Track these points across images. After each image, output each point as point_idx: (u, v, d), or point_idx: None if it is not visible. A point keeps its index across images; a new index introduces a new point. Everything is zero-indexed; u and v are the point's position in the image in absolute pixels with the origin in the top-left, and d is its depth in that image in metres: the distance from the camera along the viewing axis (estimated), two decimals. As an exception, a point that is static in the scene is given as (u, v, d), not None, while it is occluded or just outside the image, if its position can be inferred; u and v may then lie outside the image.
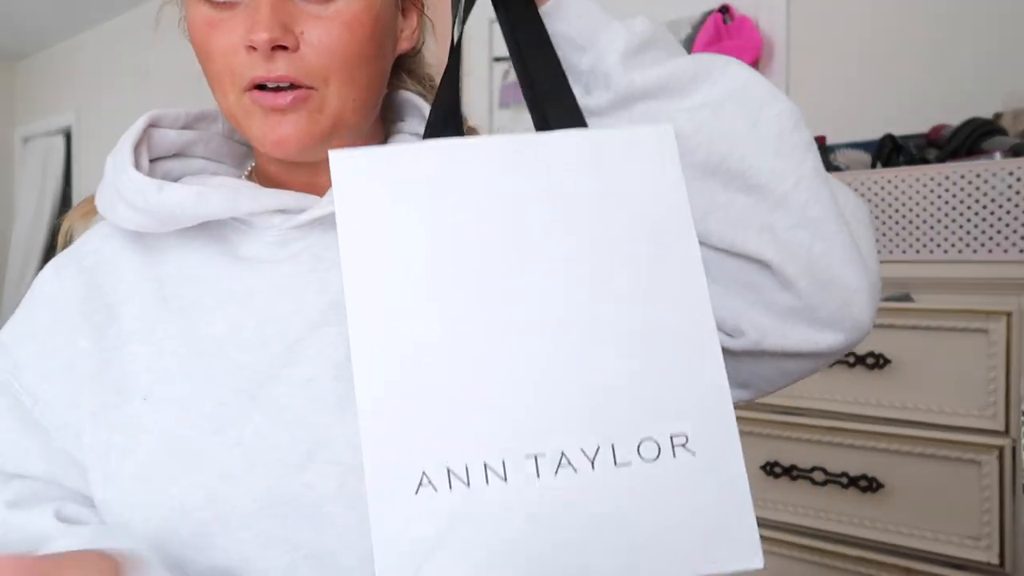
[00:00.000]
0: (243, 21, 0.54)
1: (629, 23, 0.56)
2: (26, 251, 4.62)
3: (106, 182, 0.60)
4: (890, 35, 1.63)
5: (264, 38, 0.52)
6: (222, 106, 0.58)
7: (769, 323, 0.53)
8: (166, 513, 0.51)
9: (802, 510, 1.29)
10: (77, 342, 0.58)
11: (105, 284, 0.59)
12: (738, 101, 0.57)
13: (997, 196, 1.14)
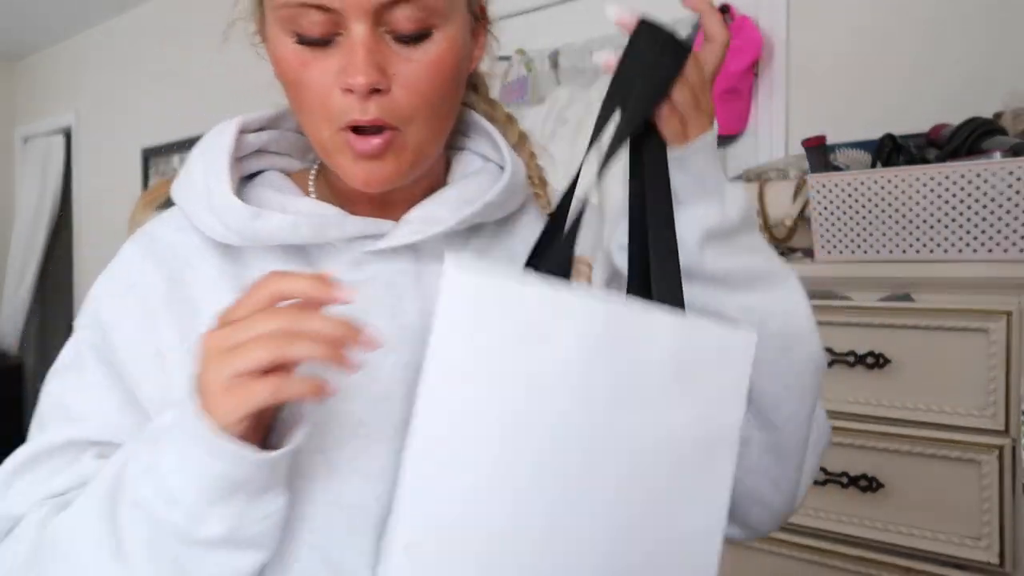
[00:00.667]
0: (337, 60, 0.55)
1: (730, 201, 0.61)
2: (26, 251, 4.62)
3: (194, 188, 0.62)
4: (890, 35, 1.63)
5: (362, 83, 0.53)
6: (312, 137, 0.60)
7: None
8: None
9: (802, 510, 1.29)
10: (163, 333, 0.59)
11: (186, 277, 0.61)
12: (784, 320, 0.62)
13: (997, 196, 1.14)
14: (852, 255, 1.29)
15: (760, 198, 1.52)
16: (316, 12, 0.54)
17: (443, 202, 0.62)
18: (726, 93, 1.77)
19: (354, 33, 0.54)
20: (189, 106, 3.56)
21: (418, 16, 0.55)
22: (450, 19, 0.57)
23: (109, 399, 0.59)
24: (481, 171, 0.67)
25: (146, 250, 0.63)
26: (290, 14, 0.55)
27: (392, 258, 0.61)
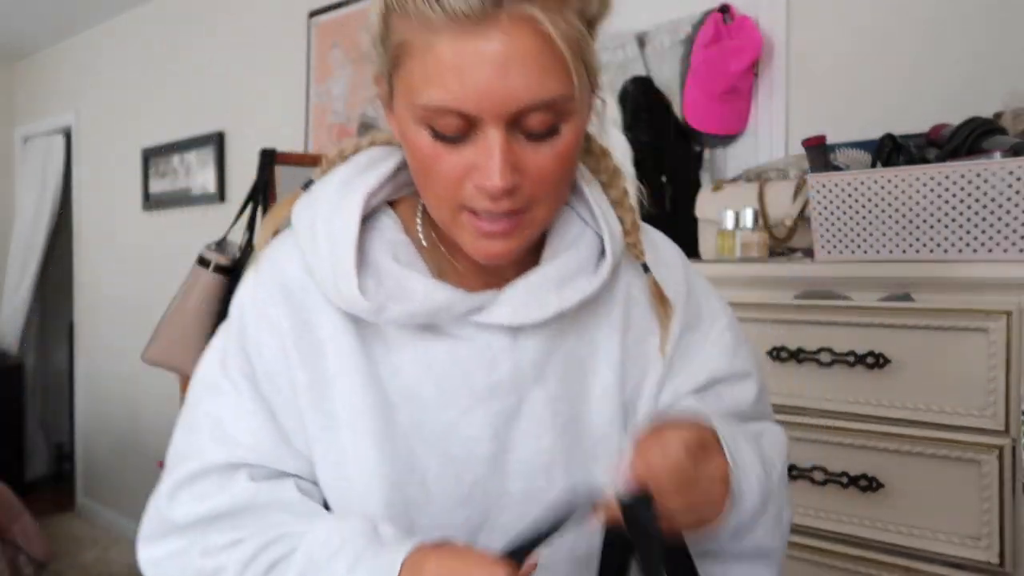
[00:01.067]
0: (471, 155, 0.58)
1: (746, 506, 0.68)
2: (26, 251, 4.62)
3: (320, 259, 0.66)
4: (890, 35, 1.63)
5: (499, 187, 0.57)
6: (434, 212, 0.64)
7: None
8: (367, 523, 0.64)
9: (802, 509, 1.29)
10: (295, 372, 0.67)
11: (311, 319, 0.67)
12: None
13: (997, 196, 1.14)
14: (852, 255, 1.29)
15: (760, 198, 1.52)
16: (454, 115, 0.57)
17: (543, 283, 0.67)
18: (726, 93, 1.77)
19: (490, 136, 0.57)
20: (189, 106, 3.56)
21: (549, 119, 0.58)
22: (577, 112, 0.60)
23: (261, 426, 0.67)
24: (579, 240, 0.70)
25: (280, 290, 0.68)
26: (428, 115, 0.58)
27: (492, 324, 0.67)
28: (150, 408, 3.77)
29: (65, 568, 3.57)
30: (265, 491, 0.66)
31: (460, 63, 0.55)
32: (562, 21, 0.57)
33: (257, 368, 0.68)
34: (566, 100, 0.58)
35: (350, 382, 0.67)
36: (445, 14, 0.55)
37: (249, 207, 2.12)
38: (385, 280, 0.66)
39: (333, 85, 2.86)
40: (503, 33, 0.55)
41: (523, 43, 0.55)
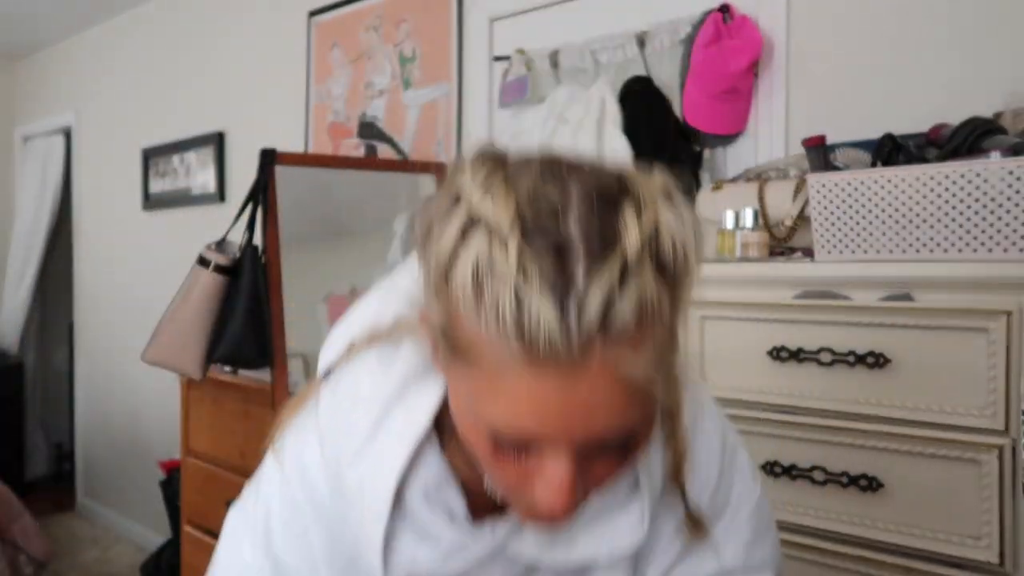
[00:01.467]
0: (534, 463, 0.51)
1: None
2: (26, 251, 4.62)
3: (352, 497, 0.63)
4: (890, 34, 1.63)
5: (558, 511, 0.51)
6: (491, 484, 0.61)
7: None
8: None
9: (802, 509, 1.29)
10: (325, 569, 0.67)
11: (344, 534, 0.65)
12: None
13: (997, 196, 1.14)
14: (852, 255, 1.29)
15: (760, 198, 1.52)
16: (522, 438, 0.50)
17: (569, 539, 0.63)
18: (726, 93, 1.77)
19: (559, 458, 0.50)
20: (189, 106, 3.56)
21: (625, 439, 0.51)
22: (655, 415, 0.54)
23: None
24: (616, 492, 0.64)
25: (309, 501, 0.67)
26: (493, 431, 0.51)
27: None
28: (150, 408, 3.77)
29: (65, 568, 3.57)
30: None
31: (537, 399, 0.47)
32: (651, 349, 0.47)
33: (283, 559, 0.68)
34: (645, 421, 0.52)
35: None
36: (526, 350, 0.46)
37: (249, 207, 2.12)
38: (415, 525, 0.63)
39: (333, 85, 2.86)
40: (591, 380, 0.46)
41: (611, 389, 0.47)
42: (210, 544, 0.87)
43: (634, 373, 0.47)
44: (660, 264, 0.47)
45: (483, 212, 0.47)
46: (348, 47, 2.81)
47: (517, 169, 0.50)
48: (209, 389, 2.31)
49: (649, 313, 0.46)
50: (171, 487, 2.94)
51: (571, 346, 0.45)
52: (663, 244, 0.47)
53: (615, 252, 0.46)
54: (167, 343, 2.02)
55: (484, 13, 2.37)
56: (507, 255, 0.45)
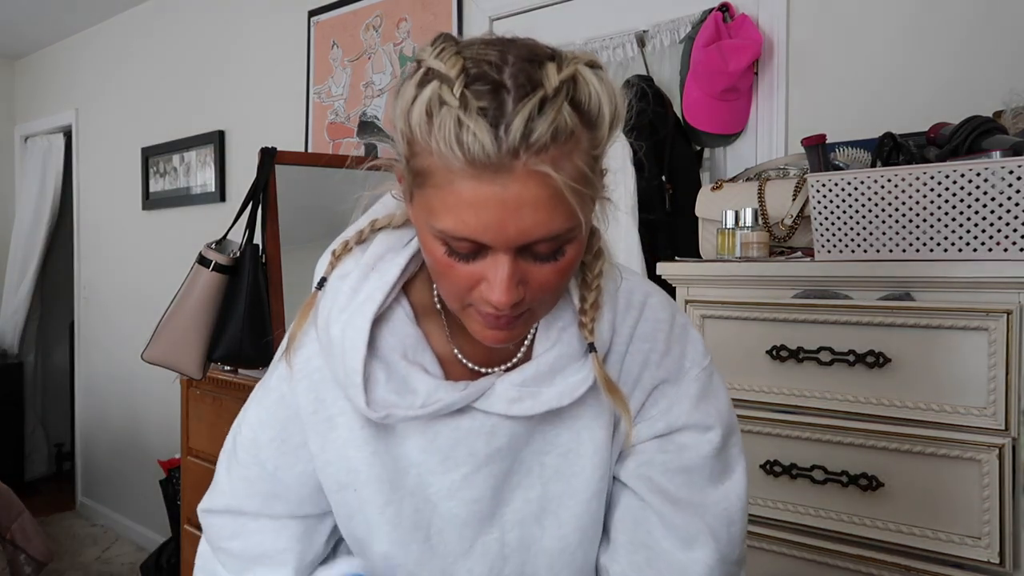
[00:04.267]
0: (482, 269, 0.64)
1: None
2: (26, 250, 4.62)
3: (335, 348, 0.74)
4: (890, 33, 1.63)
5: (504, 304, 0.63)
6: (445, 299, 0.70)
7: None
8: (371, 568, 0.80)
9: (802, 509, 1.29)
10: (308, 441, 0.79)
11: (327, 399, 0.78)
12: None
13: (997, 195, 1.14)
14: (852, 254, 1.29)
15: (760, 197, 1.52)
16: (468, 242, 0.62)
17: (536, 376, 0.74)
18: (726, 92, 1.77)
19: (499, 259, 0.63)
20: (189, 106, 3.56)
21: (555, 245, 0.64)
22: (580, 234, 0.65)
23: (255, 487, 0.82)
24: (569, 327, 0.76)
25: (299, 379, 0.79)
26: (444, 236, 0.63)
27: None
28: (150, 408, 3.77)
29: (65, 568, 3.57)
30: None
31: (477, 202, 0.60)
32: (570, 167, 0.61)
33: (261, 442, 0.81)
34: (571, 231, 0.64)
35: (359, 452, 0.76)
36: (466, 160, 0.59)
37: (249, 206, 2.12)
38: (393, 375, 0.74)
39: (333, 85, 2.86)
40: (517, 181, 0.59)
41: (535, 191, 0.60)
42: (210, 543, 0.91)
43: (552, 181, 0.60)
44: (575, 103, 0.62)
45: (436, 67, 0.61)
46: (348, 47, 2.81)
47: (469, 42, 0.64)
48: (209, 388, 2.31)
49: (563, 136, 0.60)
50: (171, 486, 2.94)
51: (500, 154, 0.58)
52: (580, 90, 0.62)
53: (537, 89, 0.60)
54: (167, 342, 2.02)
55: (484, 12, 2.37)
56: (452, 93, 0.59)
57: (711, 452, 0.80)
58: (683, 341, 0.82)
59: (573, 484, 0.78)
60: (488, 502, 0.77)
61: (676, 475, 0.79)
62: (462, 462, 0.76)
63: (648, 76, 1.93)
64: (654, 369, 0.79)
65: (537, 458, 0.77)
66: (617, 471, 0.81)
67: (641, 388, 0.79)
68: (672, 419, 0.79)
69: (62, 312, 4.86)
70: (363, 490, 0.77)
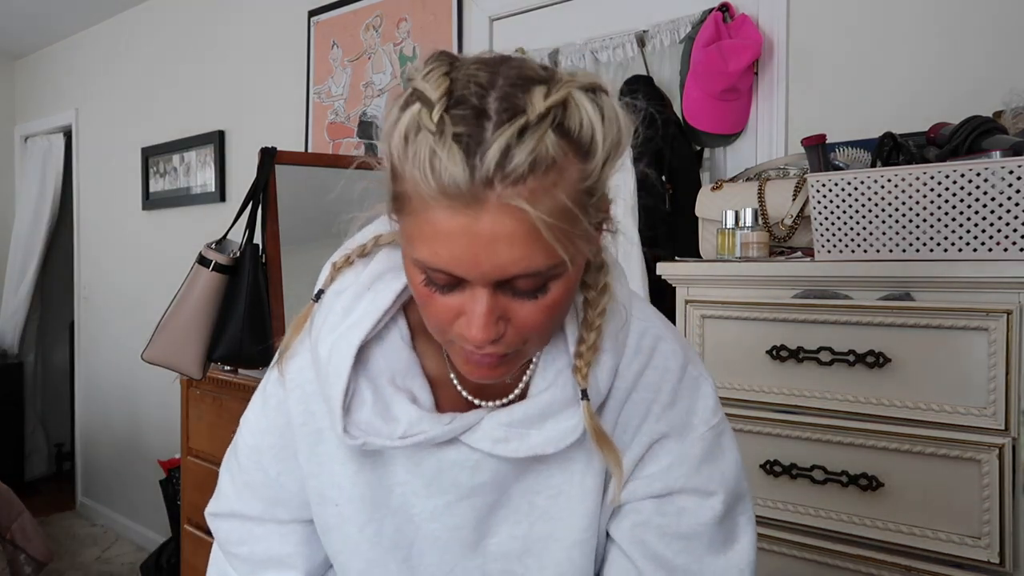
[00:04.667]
0: (460, 303, 0.61)
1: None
2: (26, 251, 4.62)
3: (322, 366, 0.73)
4: (890, 33, 1.63)
5: (480, 340, 0.60)
6: (430, 330, 0.67)
7: None
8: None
9: (802, 509, 1.29)
10: (297, 452, 0.79)
11: (317, 412, 0.77)
12: None
13: (997, 195, 1.14)
14: (852, 254, 1.29)
15: (760, 197, 1.52)
16: (443, 274, 0.59)
17: (524, 418, 0.70)
18: (726, 92, 1.77)
19: (477, 293, 0.59)
20: (189, 106, 3.56)
21: (538, 282, 0.60)
22: (567, 271, 0.61)
23: (259, 493, 0.83)
24: (562, 374, 0.71)
25: (292, 389, 0.78)
26: (422, 266, 0.61)
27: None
28: (150, 408, 3.77)
29: (65, 568, 3.57)
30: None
31: (450, 234, 0.57)
32: (550, 202, 0.56)
33: (263, 448, 0.82)
34: (552, 268, 0.59)
35: (343, 468, 0.76)
36: (439, 189, 0.56)
37: (249, 206, 2.12)
38: (379, 399, 0.72)
39: (333, 85, 2.86)
40: (491, 215, 0.56)
41: (509, 226, 0.56)
42: (210, 543, 0.89)
43: (528, 216, 0.55)
44: (564, 130, 0.57)
45: (420, 88, 0.58)
46: (348, 47, 2.81)
47: (463, 62, 0.61)
48: (209, 388, 2.31)
49: (544, 167, 0.56)
50: (171, 486, 2.94)
51: (473, 184, 0.55)
52: (570, 116, 0.57)
53: (519, 116, 0.56)
54: (167, 342, 2.02)
55: (484, 12, 2.37)
56: (431, 117, 0.56)
57: (712, 520, 0.75)
58: (693, 395, 0.76)
59: (558, 528, 0.75)
60: (471, 531, 0.76)
61: (674, 541, 0.75)
62: (446, 490, 0.74)
63: (648, 76, 1.93)
64: (654, 422, 0.74)
65: (527, 497, 0.75)
66: (611, 528, 0.77)
67: (639, 441, 0.74)
68: (671, 480, 0.75)
69: (62, 312, 4.86)
70: (345, 507, 0.76)
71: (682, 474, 0.75)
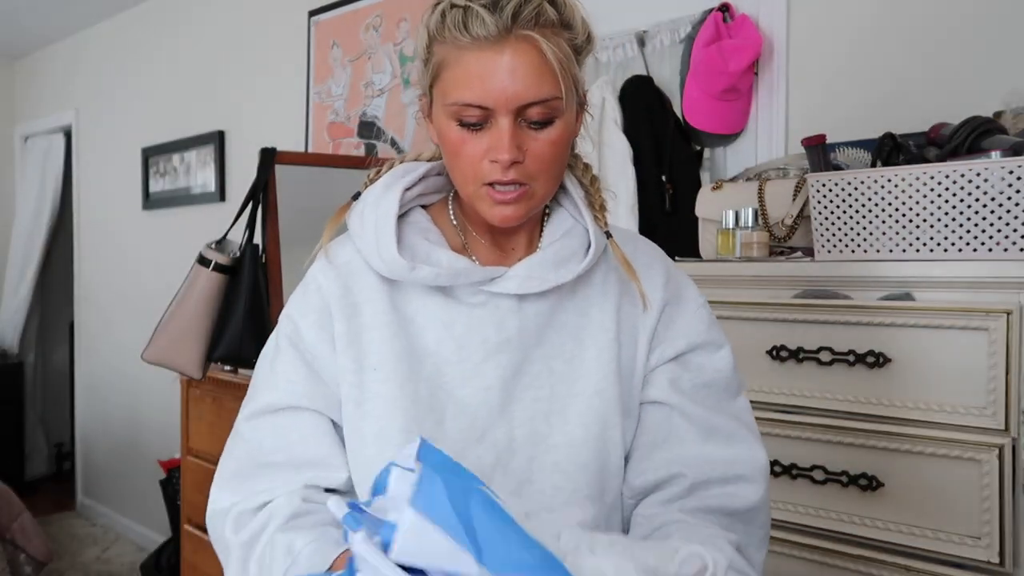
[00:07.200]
0: (488, 139, 0.78)
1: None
2: (26, 250, 4.62)
3: (367, 236, 0.85)
4: (890, 33, 1.63)
5: (506, 159, 0.77)
6: (460, 188, 0.83)
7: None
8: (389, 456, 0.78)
9: (802, 509, 1.29)
10: (336, 325, 0.85)
11: (354, 287, 0.87)
12: None
13: (997, 195, 1.14)
14: (852, 254, 1.29)
15: (760, 197, 1.52)
16: (476, 108, 0.77)
17: (542, 263, 0.85)
18: (726, 92, 1.77)
19: (501, 123, 0.77)
20: (189, 106, 3.56)
21: (545, 112, 0.78)
22: (566, 111, 0.80)
23: (297, 375, 0.86)
24: (571, 232, 0.88)
25: (329, 265, 0.88)
26: (457, 109, 0.78)
27: (501, 292, 0.85)
28: (150, 408, 3.77)
29: (65, 568, 3.57)
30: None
31: (482, 71, 0.76)
32: (555, 45, 0.77)
33: (301, 327, 0.87)
34: (557, 100, 0.78)
35: (380, 334, 0.84)
36: (471, 37, 0.76)
37: (249, 206, 2.12)
38: (417, 252, 0.84)
39: (333, 85, 2.86)
40: (512, 49, 0.76)
41: (526, 57, 0.76)
42: (210, 543, 0.88)
43: (539, 44, 0.76)
44: (554, 4, 0.78)
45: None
46: (348, 47, 2.81)
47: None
48: (209, 388, 2.31)
49: (545, 20, 0.77)
50: (171, 486, 2.94)
51: (498, 28, 0.75)
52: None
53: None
54: (167, 342, 2.02)
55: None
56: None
57: (728, 367, 0.91)
58: (678, 276, 0.94)
59: (578, 386, 0.85)
60: (498, 392, 0.83)
61: (701, 389, 0.89)
62: (474, 350, 0.83)
63: (648, 76, 1.93)
64: (660, 290, 0.90)
65: (546, 363, 0.85)
66: (645, 395, 0.88)
67: (653, 304, 0.89)
68: (692, 337, 0.89)
69: (62, 312, 4.86)
70: (384, 369, 0.83)
71: (698, 332, 0.90)
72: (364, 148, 2.74)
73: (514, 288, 0.83)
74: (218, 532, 0.86)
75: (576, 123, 0.85)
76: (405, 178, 0.87)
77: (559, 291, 0.86)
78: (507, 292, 0.83)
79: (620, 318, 0.88)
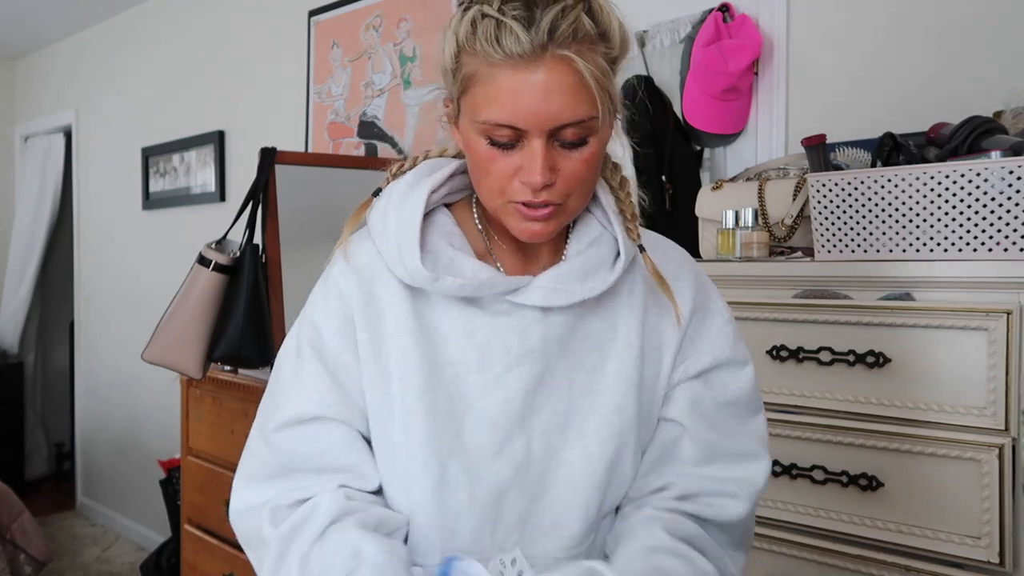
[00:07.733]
0: (518, 158, 0.75)
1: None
2: (26, 250, 4.62)
3: (389, 240, 0.82)
4: (890, 33, 1.63)
5: (539, 181, 0.74)
6: (486, 202, 0.80)
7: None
8: (411, 468, 0.82)
9: (802, 509, 1.29)
10: (359, 333, 0.83)
11: (377, 293, 0.84)
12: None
13: (997, 195, 1.14)
14: (852, 254, 1.29)
15: (760, 197, 1.52)
16: (507, 129, 0.73)
17: (569, 274, 0.82)
18: (726, 92, 1.77)
19: (534, 144, 0.73)
20: (189, 106, 3.56)
21: (580, 132, 0.74)
22: (601, 129, 0.76)
23: (323, 384, 0.84)
24: (599, 240, 0.86)
25: (350, 269, 0.85)
26: (487, 128, 0.75)
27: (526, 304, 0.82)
28: (150, 408, 3.77)
29: (65, 568, 3.57)
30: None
31: (515, 90, 0.72)
32: (591, 63, 0.73)
33: (324, 334, 0.84)
34: (592, 120, 0.74)
35: (402, 341, 0.82)
36: (504, 54, 0.72)
37: (249, 206, 2.12)
38: (441, 260, 0.81)
39: (333, 85, 2.86)
40: (547, 69, 0.71)
41: (562, 77, 0.72)
42: (210, 543, 0.88)
43: (576, 65, 0.71)
44: (591, 14, 0.74)
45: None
46: (348, 47, 2.81)
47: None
48: (209, 388, 2.31)
49: (582, 35, 0.72)
50: (171, 486, 2.94)
51: (533, 47, 0.71)
52: (594, 6, 0.75)
53: (560, 1, 0.73)
54: (167, 342, 2.02)
55: (484, 13, 2.37)
56: (491, 6, 0.73)
57: (750, 384, 0.90)
58: (706, 285, 0.92)
59: (597, 400, 0.84)
60: (519, 404, 0.81)
61: (722, 408, 0.87)
62: (497, 361, 0.81)
63: (648, 76, 1.93)
64: (688, 303, 0.88)
65: (567, 375, 0.83)
66: (665, 411, 0.87)
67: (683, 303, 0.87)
68: (717, 354, 0.88)
69: (62, 312, 4.86)
70: (406, 377, 0.81)
71: (723, 348, 0.89)
72: (364, 148, 2.74)
73: (539, 300, 0.81)
74: (252, 527, 0.84)
75: (609, 131, 0.81)
76: (431, 177, 0.84)
77: (584, 301, 0.83)
78: (532, 304, 0.81)
79: (645, 332, 0.86)
